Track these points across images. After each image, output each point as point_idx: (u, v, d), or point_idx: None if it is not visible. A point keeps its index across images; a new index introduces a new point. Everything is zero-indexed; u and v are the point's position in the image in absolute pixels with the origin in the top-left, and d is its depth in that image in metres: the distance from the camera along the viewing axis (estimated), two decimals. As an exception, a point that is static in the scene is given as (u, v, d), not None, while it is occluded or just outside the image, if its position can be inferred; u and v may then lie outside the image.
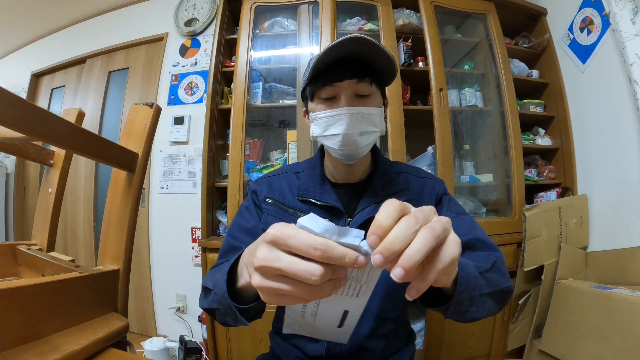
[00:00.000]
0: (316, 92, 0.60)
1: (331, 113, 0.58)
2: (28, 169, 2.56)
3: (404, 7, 1.61)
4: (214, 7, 2.01)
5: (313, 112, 0.62)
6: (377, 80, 0.60)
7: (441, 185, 0.69)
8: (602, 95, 1.47)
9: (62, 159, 0.80)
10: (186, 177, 1.98)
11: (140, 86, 2.17)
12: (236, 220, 0.70)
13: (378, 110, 0.60)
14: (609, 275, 1.31)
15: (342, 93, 0.58)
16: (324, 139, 0.62)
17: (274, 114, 1.76)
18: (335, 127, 0.59)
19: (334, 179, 0.68)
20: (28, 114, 0.42)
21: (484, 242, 0.60)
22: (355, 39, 0.52)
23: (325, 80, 0.58)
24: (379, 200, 0.62)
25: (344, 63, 0.56)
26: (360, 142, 0.59)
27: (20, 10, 2.29)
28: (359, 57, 0.57)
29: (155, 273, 2.02)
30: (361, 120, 0.58)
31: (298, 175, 0.70)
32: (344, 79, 0.56)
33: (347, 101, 0.58)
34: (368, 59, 0.57)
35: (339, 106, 0.58)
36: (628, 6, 1.31)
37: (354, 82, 0.57)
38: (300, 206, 0.65)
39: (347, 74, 0.56)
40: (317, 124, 0.61)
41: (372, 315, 0.62)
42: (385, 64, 0.57)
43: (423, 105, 1.65)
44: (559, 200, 1.57)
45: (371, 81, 0.58)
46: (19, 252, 0.71)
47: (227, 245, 0.66)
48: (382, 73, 0.60)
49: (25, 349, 0.40)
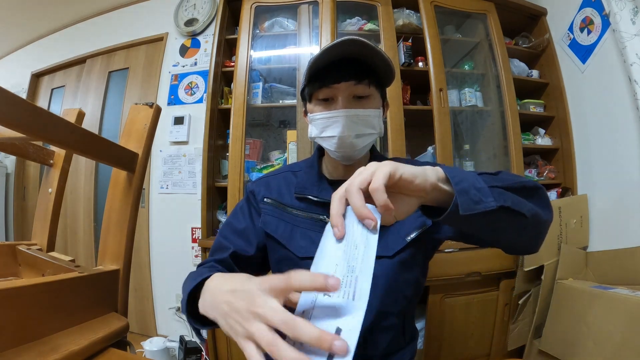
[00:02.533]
0: (314, 93, 0.60)
1: (327, 115, 0.59)
2: (28, 169, 2.56)
3: (404, 7, 1.61)
4: (214, 7, 2.01)
5: (311, 113, 0.62)
6: (377, 81, 0.59)
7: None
8: (602, 95, 1.47)
9: (62, 159, 0.80)
10: (186, 177, 1.98)
11: (140, 86, 2.17)
12: (229, 220, 0.71)
13: (376, 112, 0.60)
14: (609, 275, 1.31)
15: (339, 95, 0.58)
16: (321, 140, 0.62)
17: (274, 114, 1.76)
18: (331, 129, 0.59)
19: (332, 177, 0.68)
20: (28, 114, 0.42)
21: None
22: (351, 41, 0.52)
23: (322, 82, 0.58)
24: None
25: (343, 64, 0.56)
26: (356, 144, 0.59)
27: (20, 10, 2.29)
28: (358, 58, 0.56)
29: (155, 273, 2.02)
30: (358, 122, 0.58)
31: (296, 174, 0.70)
32: (341, 81, 0.56)
33: (344, 103, 0.58)
34: (368, 60, 0.57)
35: (336, 108, 0.58)
36: (628, 6, 1.31)
37: (352, 84, 0.57)
38: (297, 204, 0.66)
39: (345, 75, 0.56)
40: (315, 125, 0.62)
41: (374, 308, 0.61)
42: (383, 66, 0.57)
43: (423, 105, 1.65)
44: (559, 200, 1.57)
45: (370, 83, 0.58)
46: (19, 252, 0.71)
47: (217, 243, 0.67)
48: (382, 74, 0.60)
49: (25, 349, 0.40)
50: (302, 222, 0.64)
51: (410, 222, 0.62)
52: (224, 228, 0.69)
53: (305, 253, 0.62)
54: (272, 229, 0.65)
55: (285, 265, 0.65)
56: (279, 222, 0.66)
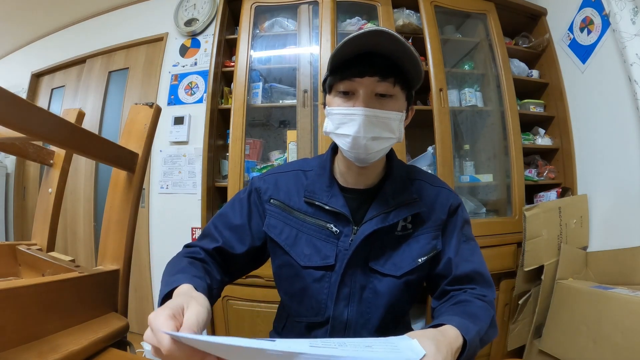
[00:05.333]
0: (334, 85, 0.56)
1: (345, 111, 0.55)
2: (28, 169, 2.56)
3: (404, 7, 1.61)
4: (214, 7, 2.01)
5: (329, 106, 0.58)
6: (403, 82, 0.55)
7: (456, 198, 0.66)
8: (602, 95, 1.47)
9: (62, 159, 0.80)
10: (186, 177, 1.98)
11: (140, 86, 2.17)
12: (226, 209, 0.67)
13: (397, 115, 0.55)
14: (609, 275, 1.31)
15: (360, 90, 0.53)
16: (336, 137, 0.58)
17: (274, 114, 1.76)
18: (347, 126, 0.55)
19: (344, 182, 0.63)
20: (28, 114, 0.42)
21: (483, 276, 0.61)
22: (380, 32, 0.48)
23: (344, 74, 0.54)
24: (389, 209, 0.59)
25: (369, 59, 0.52)
26: (371, 147, 0.55)
27: (20, 10, 2.29)
28: (386, 55, 0.52)
29: (155, 273, 2.02)
30: (376, 124, 0.54)
31: (306, 174, 0.66)
32: (364, 75, 0.52)
33: (364, 100, 0.53)
34: (396, 58, 0.52)
35: (355, 104, 0.54)
36: (628, 6, 1.31)
37: (375, 80, 0.52)
38: (305, 208, 0.62)
39: (369, 70, 0.52)
40: (331, 119, 0.57)
41: (373, 327, 0.61)
42: (411, 65, 0.53)
43: (423, 105, 1.64)
44: (559, 200, 1.57)
45: (395, 82, 0.53)
46: (19, 252, 0.71)
47: (207, 230, 0.65)
48: (410, 75, 0.55)
49: (25, 349, 0.40)
50: (308, 228, 0.61)
51: (423, 246, 0.61)
52: (219, 217, 0.66)
53: (308, 262, 0.60)
54: (275, 233, 0.63)
55: (286, 272, 0.63)
56: (284, 226, 0.63)
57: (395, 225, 0.60)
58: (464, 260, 0.60)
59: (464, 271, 0.60)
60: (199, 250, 0.62)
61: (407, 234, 0.61)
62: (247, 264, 0.68)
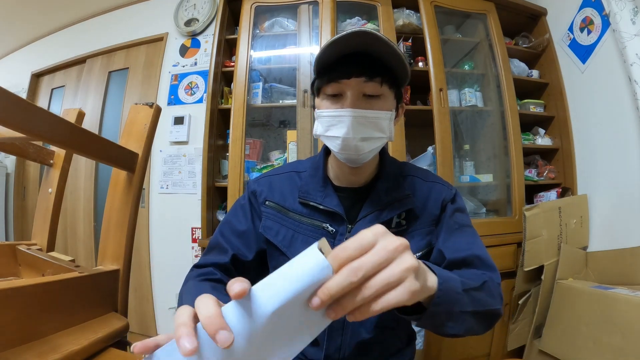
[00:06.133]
0: (322, 88, 0.56)
1: (333, 113, 0.55)
2: (28, 169, 2.56)
3: (404, 7, 1.61)
4: (214, 7, 2.01)
5: (318, 109, 0.58)
6: (391, 81, 0.55)
7: (450, 191, 0.65)
8: (602, 95, 1.47)
9: (62, 159, 0.80)
10: (186, 177, 1.98)
11: (140, 86, 2.17)
12: (229, 217, 0.67)
13: (386, 114, 0.55)
14: (609, 275, 1.31)
15: (348, 91, 0.53)
16: (326, 139, 0.58)
17: (274, 114, 1.76)
18: (336, 128, 0.55)
19: (337, 181, 0.64)
20: (28, 114, 0.42)
21: (483, 260, 0.58)
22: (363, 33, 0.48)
23: (331, 76, 0.53)
24: (382, 207, 0.59)
25: (354, 59, 0.52)
26: (361, 148, 0.55)
27: (21, 10, 2.29)
28: (372, 54, 0.52)
29: (155, 273, 2.02)
30: (365, 124, 0.54)
31: (300, 175, 0.66)
32: (351, 76, 0.52)
33: (352, 101, 0.53)
34: (382, 57, 0.52)
35: (344, 106, 0.54)
36: (628, 6, 1.31)
37: (362, 80, 0.52)
38: (300, 209, 0.62)
39: (356, 71, 0.52)
40: (320, 122, 0.58)
41: (371, 325, 0.61)
42: (397, 63, 0.53)
43: (423, 105, 1.65)
44: (559, 200, 1.57)
45: (382, 81, 0.53)
46: (19, 252, 0.71)
47: (215, 241, 0.64)
48: (397, 73, 0.55)
49: (25, 349, 0.40)
50: (304, 228, 0.61)
51: (417, 242, 0.61)
52: (224, 226, 0.66)
53: None
54: (272, 235, 0.63)
55: None
56: (280, 227, 0.63)
57: (389, 222, 0.60)
58: (458, 246, 0.58)
59: (460, 256, 0.57)
60: (213, 270, 0.60)
61: (401, 231, 0.61)
62: (257, 269, 0.67)
